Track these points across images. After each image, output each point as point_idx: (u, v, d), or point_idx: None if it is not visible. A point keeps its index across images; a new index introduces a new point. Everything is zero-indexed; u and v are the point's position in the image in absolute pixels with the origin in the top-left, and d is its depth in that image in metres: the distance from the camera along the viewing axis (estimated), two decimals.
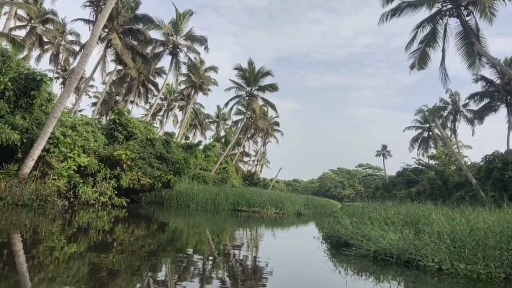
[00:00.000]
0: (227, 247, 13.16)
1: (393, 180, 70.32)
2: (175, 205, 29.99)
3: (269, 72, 46.12)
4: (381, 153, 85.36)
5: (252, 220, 27.14)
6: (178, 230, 17.55)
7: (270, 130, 74.84)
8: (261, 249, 13.81)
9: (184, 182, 35.85)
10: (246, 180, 65.13)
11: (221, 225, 22.98)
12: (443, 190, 45.69)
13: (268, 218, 29.34)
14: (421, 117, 72.88)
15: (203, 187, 33.43)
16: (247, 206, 30.80)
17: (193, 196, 30.42)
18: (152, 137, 27.42)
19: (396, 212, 15.48)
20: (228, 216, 28.07)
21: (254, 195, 31.87)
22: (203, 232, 17.77)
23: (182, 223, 21.49)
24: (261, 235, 19.00)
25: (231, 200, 30.84)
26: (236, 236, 17.07)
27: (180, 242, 13.61)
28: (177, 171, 29.18)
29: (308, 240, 16.15)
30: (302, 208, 34.06)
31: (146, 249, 10.52)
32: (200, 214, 27.61)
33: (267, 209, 30.84)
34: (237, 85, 46.79)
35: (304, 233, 21.98)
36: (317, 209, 40.15)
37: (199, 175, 43.05)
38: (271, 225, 25.23)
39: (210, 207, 30.29)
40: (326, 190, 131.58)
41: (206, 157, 50.10)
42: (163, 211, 27.42)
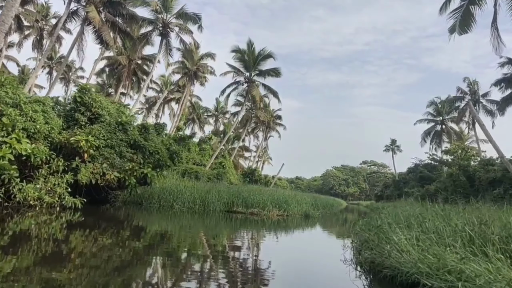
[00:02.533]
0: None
1: (405, 177, 64.30)
2: (156, 206, 24.16)
3: (270, 54, 40.13)
4: (390, 148, 79.20)
5: (249, 224, 21.45)
6: (154, 237, 13.53)
7: (272, 123, 68.90)
8: (266, 274, 8.55)
9: (172, 178, 30.11)
10: (247, 177, 59.35)
11: (208, 230, 17.26)
12: (468, 188, 39.73)
13: (270, 221, 23.55)
14: (434, 110, 66.87)
15: (192, 184, 27.56)
16: (244, 207, 24.93)
17: (178, 195, 24.58)
18: (125, 121, 21.51)
19: (466, 222, 9.55)
20: (220, 219, 22.31)
21: (253, 193, 25.99)
22: (183, 240, 13.35)
23: (159, 228, 16.20)
24: (263, 246, 13.56)
25: (225, 200, 24.98)
26: (227, 248, 12.51)
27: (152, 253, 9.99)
28: (158, 164, 23.34)
29: (331, 260, 10.71)
30: (309, 209, 28.17)
31: (114, 262, 8.33)
32: (185, 216, 21.87)
33: (269, 210, 24.98)
34: (235, 70, 40.83)
35: (321, 245, 16.09)
36: (326, 209, 34.25)
37: (191, 170, 37.24)
38: (274, 229, 19.69)
39: (198, 207, 24.44)
40: (330, 188, 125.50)
41: (200, 151, 44.24)
42: (140, 213, 21.71)
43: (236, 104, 54.66)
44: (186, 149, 41.87)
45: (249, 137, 78.30)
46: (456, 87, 54.54)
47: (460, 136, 66.98)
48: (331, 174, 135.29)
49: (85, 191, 19.36)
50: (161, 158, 23.17)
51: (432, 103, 66.40)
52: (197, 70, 49.40)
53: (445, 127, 66.64)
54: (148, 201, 24.28)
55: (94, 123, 20.53)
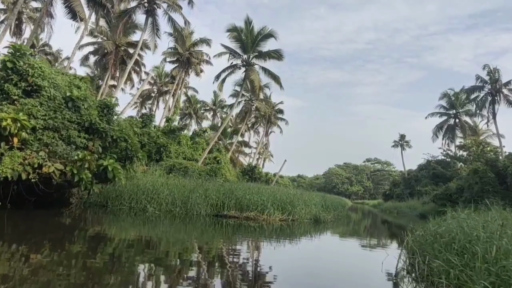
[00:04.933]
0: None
1: (416, 175, 58.48)
2: (126, 209, 18.50)
3: (271, 33, 34.30)
4: (398, 144, 73.22)
5: (244, 233, 16.06)
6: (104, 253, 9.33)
7: (273, 117, 63.12)
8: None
9: (153, 174, 24.51)
10: (246, 174, 53.62)
11: (185, 243, 11.81)
12: (497, 185, 33.99)
13: (271, 228, 17.98)
14: (447, 102, 61.08)
15: (176, 181, 21.84)
16: (238, 210, 19.20)
17: (153, 195, 18.91)
18: (76, 96, 15.73)
19: None
20: (206, 226, 16.76)
21: (250, 192, 20.23)
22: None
23: (117, 241, 11.16)
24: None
25: (213, 201, 19.25)
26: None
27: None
28: (125, 155, 17.63)
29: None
30: (320, 211, 22.42)
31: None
32: (161, 222, 16.31)
33: (269, 214, 19.27)
34: (231, 52, 35.07)
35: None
36: (338, 211, 28.49)
37: (179, 165, 31.55)
38: (280, 239, 14.40)
39: (179, 211, 18.74)
40: (333, 187, 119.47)
41: (193, 144, 38.54)
42: (102, 219, 16.30)
43: (234, 95, 49.02)
44: (176, 143, 36.20)
45: (249, 133, 72.56)
46: (475, 75, 48.61)
47: (475, 131, 61.24)
48: (334, 172, 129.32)
49: (28, 190, 13.82)
50: (130, 147, 17.46)
51: (445, 95, 60.62)
52: (190, 55, 43.62)
53: (459, 120, 60.90)
54: (116, 203, 18.61)
55: (31, 97, 14.81)
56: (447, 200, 39.98)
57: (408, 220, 40.65)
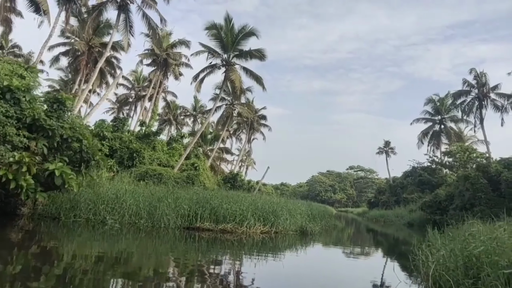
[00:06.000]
0: None
1: (402, 182, 56.58)
2: (81, 221, 15.68)
3: (253, 31, 31.91)
4: (383, 151, 71.46)
5: (220, 249, 13.53)
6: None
7: (255, 123, 60.64)
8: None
9: (121, 182, 21.71)
10: (228, 182, 50.88)
11: (147, 264, 9.18)
12: (490, 192, 32.03)
13: (251, 242, 15.47)
14: (432, 108, 59.62)
15: (141, 189, 19.06)
16: (214, 221, 16.54)
17: (114, 205, 16.14)
18: (16, 86, 12.94)
19: None
20: (176, 241, 14.18)
21: (227, 201, 17.60)
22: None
23: (65, 263, 7.91)
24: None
25: (184, 211, 16.53)
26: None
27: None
28: (80, 159, 14.87)
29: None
30: (306, 222, 19.91)
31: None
32: (122, 236, 13.66)
33: (249, 226, 16.67)
34: (210, 50, 32.51)
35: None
36: (324, 221, 25.99)
37: (153, 172, 28.77)
38: (258, 257, 11.82)
39: (144, 223, 15.98)
40: (316, 195, 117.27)
41: (170, 150, 35.74)
42: (51, 233, 13.62)
43: (214, 99, 46.41)
44: (151, 148, 33.39)
45: (231, 139, 69.94)
46: (462, 79, 47.07)
47: (460, 137, 59.80)
48: (317, 180, 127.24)
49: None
50: (85, 149, 14.70)
51: (430, 101, 59.19)
52: (167, 56, 40.93)
53: (444, 126, 59.45)
54: (69, 215, 15.76)
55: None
56: (436, 208, 37.99)
57: (397, 229, 38.60)
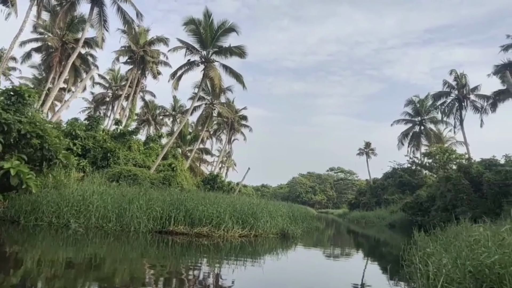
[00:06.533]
0: None
1: (383, 183, 56.23)
2: (45, 225, 14.32)
3: (233, 27, 30.76)
4: (364, 152, 71.27)
5: (195, 254, 12.50)
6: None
7: (236, 124, 59.49)
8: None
9: (92, 183, 20.30)
10: (207, 183, 49.61)
11: (111, 275, 7.98)
12: (472, 193, 31.63)
13: (229, 246, 14.37)
14: (412, 109, 59.54)
15: (111, 190, 17.71)
16: (188, 225, 15.36)
17: (80, 207, 14.80)
18: None
19: None
20: (147, 246, 13.00)
21: (203, 202, 16.43)
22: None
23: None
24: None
25: (156, 214, 15.30)
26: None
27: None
28: (42, 157, 13.52)
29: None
30: (287, 224, 18.89)
31: None
32: (87, 242, 12.40)
33: (226, 229, 15.55)
34: (188, 47, 31.23)
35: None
36: (306, 223, 25.03)
37: (128, 172, 27.36)
38: (236, 262, 10.85)
39: (112, 226, 14.69)
40: (297, 196, 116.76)
41: (146, 150, 34.33)
42: (7, 238, 12.15)
43: (193, 98, 45.12)
44: (126, 148, 31.94)
45: (211, 140, 68.64)
46: (443, 81, 47.00)
47: (439, 138, 59.85)
48: (298, 181, 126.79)
49: None
50: (47, 147, 13.36)
51: (410, 102, 59.10)
52: (144, 53, 39.49)
53: (424, 128, 59.42)
54: (30, 218, 14.36)
55: None
56: (418, 209, 37.50)
57: (378, 230, 38.01)
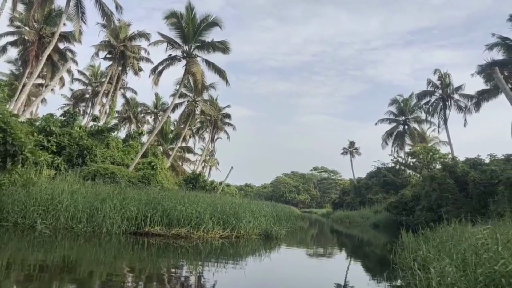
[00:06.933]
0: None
1: (367, 182, 55.91)
2: (10, 226, 13.16)
3: (216, 22, 29.75)
4: (348, 151, 70.95)
5: (172, 257, 11.62)
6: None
7: (219, 122, 58.44)
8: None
9: (64, 182, 19.02)
10: (190, 182, 48.50)
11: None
12: (457, 192, 31.31)
13: (209, 248, 13.46)
14: (396, 109, 59.39)
15: (88, 190, 16.56)
16: (166, 225, 14.36)
17: (48, 207, 13.67)
18: None
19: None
20: (121, 249, 12.01)
21: (182, 201, 15.46)
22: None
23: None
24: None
25: (131, 214, 14.25)
26: None
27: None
28: (5, 152, 12.40)
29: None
30: (271, 225, 18.03)
31: None
32: (54, 244, 11.33)
33: (206, 230, 14.60)
34: (169, 41, 30.10)
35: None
36: (290, 223, 24.21)
37: (105, 171, 26.15)
38: (216, 265, 10.30)
39: (83, 227, 13.60)
40: (280, 195, 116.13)
41: (125, 147, 33.09)
42: None
43: (174, 95, 43.93)
44: (104, 145, 30.66)
45: (194, 139, 67.44)
46: (427, 80, 46.87)
47: (423, 137, 59.85)
48: (282, 181, 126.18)
49: None
50: (11, 141, 12.22)
51: (395, 102, 58.95)
52: (125, 48, 38.19)
53: (408, 127, 59.32)
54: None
55: None
56: (402, 208, 37.10)
57: (362, 230, 37.51)
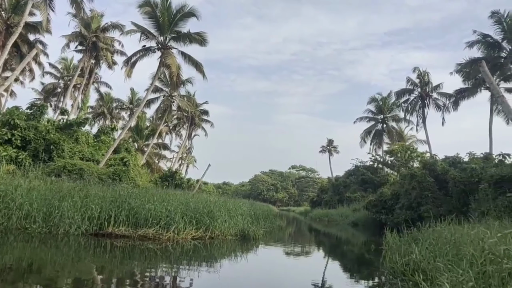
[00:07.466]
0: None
1: (345, 180, 55.39)
2: None
3: (193, 12, 28.37)
4: (326, 149, 70.51)
5: (138, 261, 10.32)
6: None
7: (197, 118, 56.99)
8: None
9: (24, 178, 17.47)
10: (165, 180, 47.01)
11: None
12: (436, 191, 30.85)
13: (180, 250, 12.27)
14: (375, 107, 59.07)
15: (48, 186, 15.08)
16: (132, 226, 13.07)
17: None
18: None
19: None
20: (80, 252, 10.70)
21: (151, 199, 14.18)
22: None
23: None
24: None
25: (92, 213, 12.89)
26: None
27: None
28: None
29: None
30: (248, 224, 16.91)
31: None
32: (3, 247, 9.90)
33: (178, 230, 13.36)
34: (143, 31, 28.56)
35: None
36: (268, 221, 23.13)
37: (72, 167, 24.54)
38: (188, 269, 9.46)
39: (38, 228, 12.20)
40: (259, 194, 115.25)
41: (96, 143, 31.42)
42: None
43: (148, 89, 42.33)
44: (73, 140, 28.98)
45: (171, 136, 65.74)
46: (406, 78, 46.58)
47: (401, 136, 59.78)
48: (260, 179, 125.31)
49: None
50: None
51: (373, 100, 58.60)
52: (97, 39, 36.39)
53: (386, 126, 59.10)
54: None
55: None
56: (381, 207, 36.57)
57: (341, 229, 36.82)
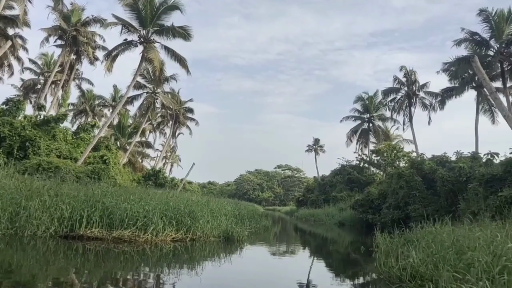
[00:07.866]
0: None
1: (331, 180, 54.85)
2: None
3: (176, 5, 27.29)
4: (312, 148, 70.01)
5: (112, 266, 9.42)
6: None
7: (182, 117, 55.83)
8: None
9: None
10: (149, 179, 45.94)
11: None
12: (424, 190, 30.41)
13: (158, 253, 11.34)
14: (361, 106, 58.70)
15: (16, 184, 13.98)
16: (106, 227, 12.09)
17: None
18: None
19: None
20: (48, 256, 9.65)
21: (125, 200, 13.20)
22: None
23: None
24: None
25: (62, 213, 11.88)
26: None
27: None
28: None
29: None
30: (232, 225, 16.04)
31: None
32: None
33: (156, 232, 12.43)
34: (124, 24, 27.43)
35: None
36: (254, 222, 22.25)
37: (48, 165, 23.35)
38: (168, 273, 8.86)
39: (4, 229, 11.15)
40: (244, 193, 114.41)
41: (75, 140, 30.18)
42: None
43: (134, 86, 41.11)
44: (50, 137, 27.73)
45: (155, 134, 64.39)
46: (393, 76, 46.23)
47: (387, 135, 59.53)
48: (245, 179, 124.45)
49: None
50: None
51: (360, 99, 58.21)
52: (77, 33, 35.05)
53: (373, 125, 58.79)
54: None
55: None
56: (368, 207, 36.05)
57: (328, 229, 36.22)
